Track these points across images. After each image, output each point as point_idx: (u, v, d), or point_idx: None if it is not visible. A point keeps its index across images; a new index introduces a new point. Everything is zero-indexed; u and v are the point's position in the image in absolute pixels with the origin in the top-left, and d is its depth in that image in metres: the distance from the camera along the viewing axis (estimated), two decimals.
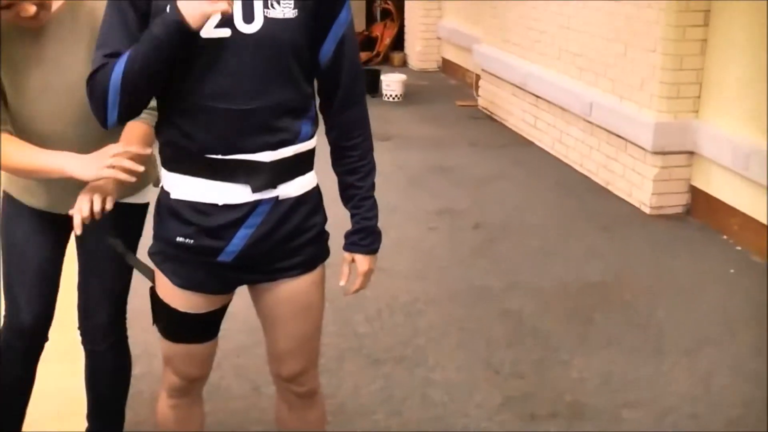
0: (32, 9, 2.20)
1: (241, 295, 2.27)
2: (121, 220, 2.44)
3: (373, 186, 2.18)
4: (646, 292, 4.22)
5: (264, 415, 3.09)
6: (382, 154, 6.33)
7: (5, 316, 2.55)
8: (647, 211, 5.26)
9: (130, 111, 1.97)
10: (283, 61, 1.95)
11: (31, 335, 2.54)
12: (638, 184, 5.33)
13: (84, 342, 2.65)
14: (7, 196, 2.53)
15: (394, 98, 8.61)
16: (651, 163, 5.19)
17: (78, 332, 2.64)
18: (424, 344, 3.69)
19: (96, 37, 2.21)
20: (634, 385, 3.38)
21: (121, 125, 2.18)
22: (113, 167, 2.11)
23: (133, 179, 2.15)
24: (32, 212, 2.49)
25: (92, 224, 2.25)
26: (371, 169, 2.17)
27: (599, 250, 4.74)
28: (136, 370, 3.37)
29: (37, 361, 2.62)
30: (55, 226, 2.50)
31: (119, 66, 1.87)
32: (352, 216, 2.19)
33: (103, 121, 1.96)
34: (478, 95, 8.21)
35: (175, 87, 1.93)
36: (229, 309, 2.27)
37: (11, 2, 2.17)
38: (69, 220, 2.29)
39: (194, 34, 1.83)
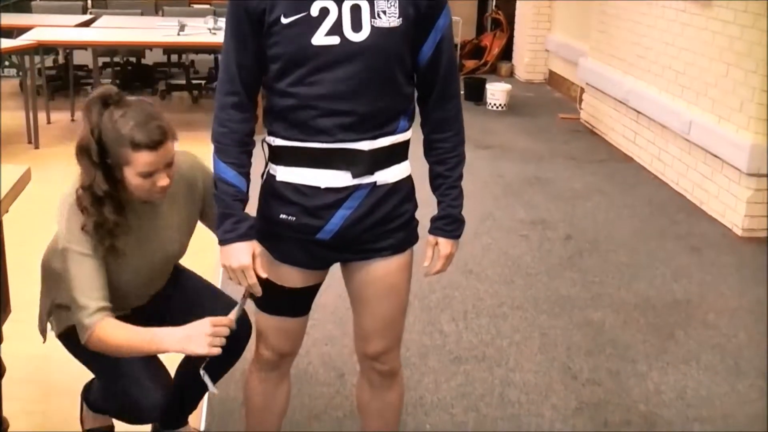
0: (167, 180, 2.35)
1: (332, 287, 2.46)
2: None
3: (460, 176, 2.33)
4: (730, 313, 4.25)
5: (347, 402, 3.28)
6: (481, 162, 6.57)
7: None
8: (739, 232, 5.27)
9: None
10: (387, 68, 2.12)
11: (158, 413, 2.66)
12: (732, 206, 5.35)
13: None
14: None
15: (497, 107, 8.72)
16: (745, 185, 5.21)
17: None
18: (506, 346, 3.82)
19: (191, 204, 2.58)
20: (708, 402, 3.44)
21: None
22: (216, 345, 2.24)
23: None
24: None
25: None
26: (460, 161, 2.32)
27: (687, 269, 4.78)
28: None
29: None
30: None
31: (224, 173, 2.17)
32: (439, 203, 2.34)
33: None
34: (581, 109, 8.26)
35: (287, 86, 2.11)
36: (320, 301, 2.45)
37: (153, 170, 2.30)
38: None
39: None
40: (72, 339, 2.63)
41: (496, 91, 8.76)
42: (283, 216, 2.21)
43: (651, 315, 4.19)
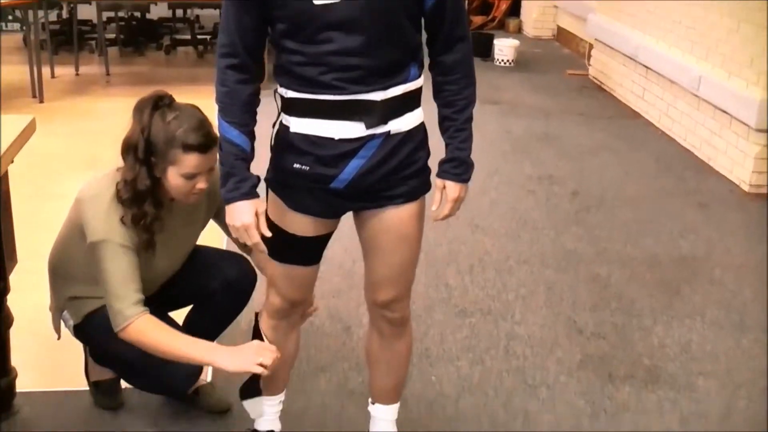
0: (205, 184, 2.49)
1: (339, 241, 2.46)
2: None
3: (468, 119, 2.30)
4: (736, 269, 4.24)
5: (353, 354, 3.30)
6: (489, 118, 6.57)
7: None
8: (746, 188, 5.25)
9: None
10: (392, 20, 2.10)
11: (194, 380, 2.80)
12: (739, 162, 5.32)
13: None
14: None
15: (505, 63, 8.67)
16: (754, 141, 5.17)
17: None
18: (512, 300, 3.83)
19: (210, 206, 2.73)
20: (712, 357, 3.44)
21: None
22: (263, 365, 2.31)
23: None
24: None
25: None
26: (468, 104, 2.29)
27: (693, 225, 4.77)
28: None
29: None
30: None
31: (227, 133, 2.17)
32: (447, 146, 2.32)
33: None
34: (589, 65, 8.21)
35: (294, 45, 2.10)
36: (327, 254, 2.44)
37: (197, 173, 2.44)
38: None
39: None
40: (92, 326, 2.69)
41: (504, 47, 8.70)
42: (296, 165, 2.20)
43: (657, 270, 4.19)
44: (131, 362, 2.64)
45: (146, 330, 2.42)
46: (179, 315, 2.90)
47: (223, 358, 2.35)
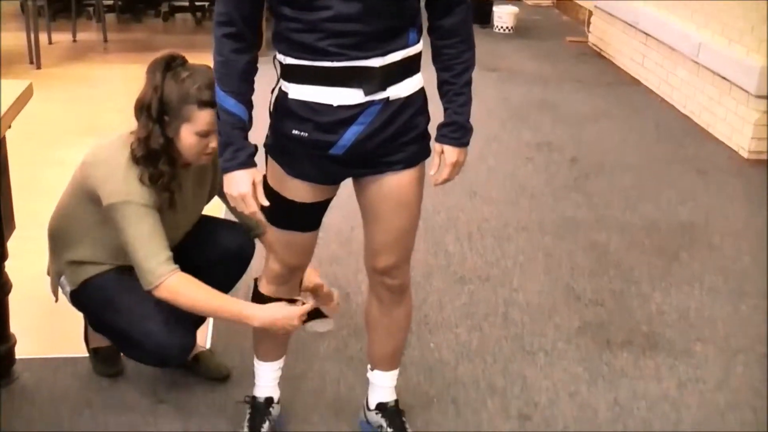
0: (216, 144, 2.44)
1: (337, 208, 2.46)
2: None
3: (467, 83, 2.29)
4: (735, 236, 4.24)
5: (351, 321, 3.30)
6: (487, 85, 6.54)
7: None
8: (745, 155, 5.24)
9: None
10: None
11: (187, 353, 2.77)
12: (738, 128, 5.30)
13: None
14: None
15: (504, 30, 8.63)
16: (753, 107, 5.16)
17: None
18: (510, 267, 3.83)
19: (216, 175, 2.70)
20: (710, 323, 3.45)
21: None
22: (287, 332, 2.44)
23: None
24: None
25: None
26: (467, 68, 2.28)
27: (692, 192, 4.77)
28: None
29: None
30: None
31: (224, 102, 2.16)
32: (446, 110, 2.31)
33: None
34: (589, 32, 8.16)
35: (291, 12, 2.08)
36: (325, 221, 2.43)
37: (210, 130, 2.43)
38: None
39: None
40: (87, 294, 2.69)
41: (504, 14, 8.65)
42: (295, 132, 2.19)
43: (656, 237, 4.19)
44: (125, 333, 2.64)
45: (179, 287, 2.44)
46: None
47: (261, 320, 2.40)
